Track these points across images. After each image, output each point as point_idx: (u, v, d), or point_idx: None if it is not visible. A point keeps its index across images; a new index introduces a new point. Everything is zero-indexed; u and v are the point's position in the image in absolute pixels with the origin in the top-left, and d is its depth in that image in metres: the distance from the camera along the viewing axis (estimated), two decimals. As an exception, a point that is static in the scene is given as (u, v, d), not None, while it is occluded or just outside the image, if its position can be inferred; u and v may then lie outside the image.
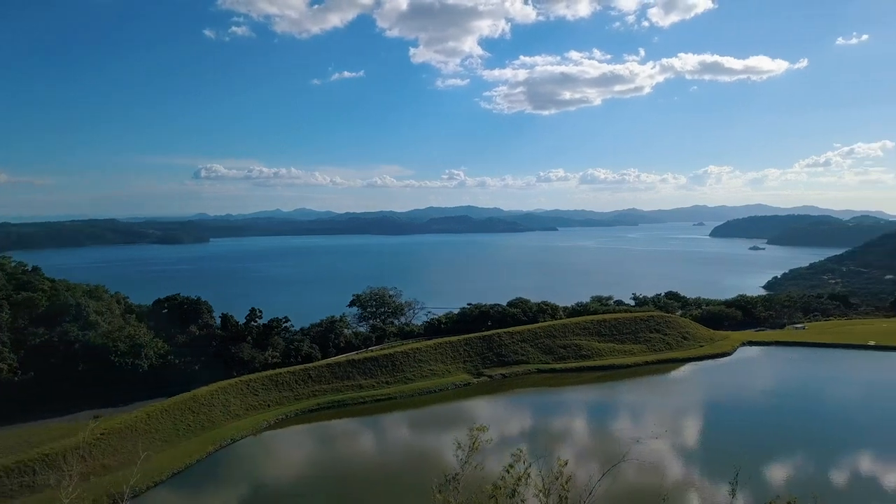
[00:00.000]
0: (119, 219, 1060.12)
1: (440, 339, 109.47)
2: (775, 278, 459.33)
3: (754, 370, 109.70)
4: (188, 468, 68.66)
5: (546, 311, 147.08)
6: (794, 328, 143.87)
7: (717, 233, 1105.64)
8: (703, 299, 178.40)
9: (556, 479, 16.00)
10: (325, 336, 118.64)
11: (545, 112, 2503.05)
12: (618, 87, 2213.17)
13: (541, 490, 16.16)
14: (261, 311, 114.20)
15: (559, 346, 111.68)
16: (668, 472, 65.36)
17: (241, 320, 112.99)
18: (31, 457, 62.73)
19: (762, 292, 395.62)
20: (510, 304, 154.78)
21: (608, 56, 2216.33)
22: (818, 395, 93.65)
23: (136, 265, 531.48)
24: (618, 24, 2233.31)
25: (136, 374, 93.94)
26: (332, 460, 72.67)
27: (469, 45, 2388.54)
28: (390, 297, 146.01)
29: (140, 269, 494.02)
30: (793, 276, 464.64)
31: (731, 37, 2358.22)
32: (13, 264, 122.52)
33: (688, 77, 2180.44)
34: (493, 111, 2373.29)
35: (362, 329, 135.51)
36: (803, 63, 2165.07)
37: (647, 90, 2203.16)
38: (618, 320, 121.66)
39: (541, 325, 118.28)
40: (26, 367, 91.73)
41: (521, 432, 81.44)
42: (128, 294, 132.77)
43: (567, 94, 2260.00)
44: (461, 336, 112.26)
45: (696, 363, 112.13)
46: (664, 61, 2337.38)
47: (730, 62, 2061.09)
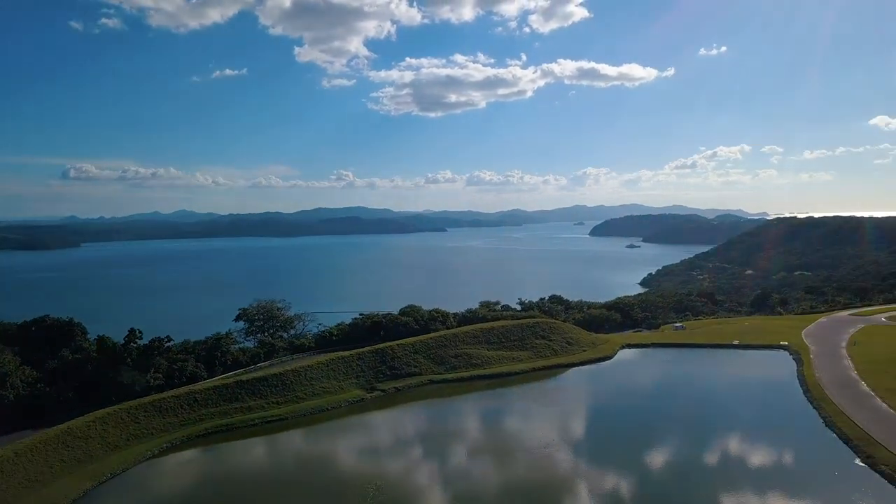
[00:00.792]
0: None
1: (332, 355, 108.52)
2: (650, 275, 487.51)
3: (634, 373, 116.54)
4: (64, 509, 64.59)
5: (437, 318, 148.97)
6: (675, 327, 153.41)
7: (596, 231, 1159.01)
8: (585, 302, 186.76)
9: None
10: (211, 354, 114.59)
11: (432, 114, 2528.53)
12: (501, 91, 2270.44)
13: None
14: (140, 332, 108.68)
15: (451, 356, 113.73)
16: (559, 479, 68.48)
17: (119, 338, 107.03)
18: None
19: (639, 289, 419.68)
20: (402, 312, 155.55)
21: (492, 60, 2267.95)
22: (692, 395, 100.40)
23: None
24: (500, 29, 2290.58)
25: (1, 406, 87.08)
26: (220, 488, 70.48)
27: (355, 45, 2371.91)
28: (279, 310, 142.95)
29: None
30: (666, 272, 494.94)
31: (606, 45, 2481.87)
32: None
33: (567, 82, 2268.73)
34: (381, 112, 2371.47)
35: (250, 344, 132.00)
36: (671, 71, 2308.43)
37: (529, 94, 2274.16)
38: (506, 328, 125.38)
39: (432, 335, 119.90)
40: None
41: (411, 447, 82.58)
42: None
43: (453, 97, 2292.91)
44: (353, 350, 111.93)
45: (580, 368, 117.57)
46: (545, 66, 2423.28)
47: (605, 69, 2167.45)
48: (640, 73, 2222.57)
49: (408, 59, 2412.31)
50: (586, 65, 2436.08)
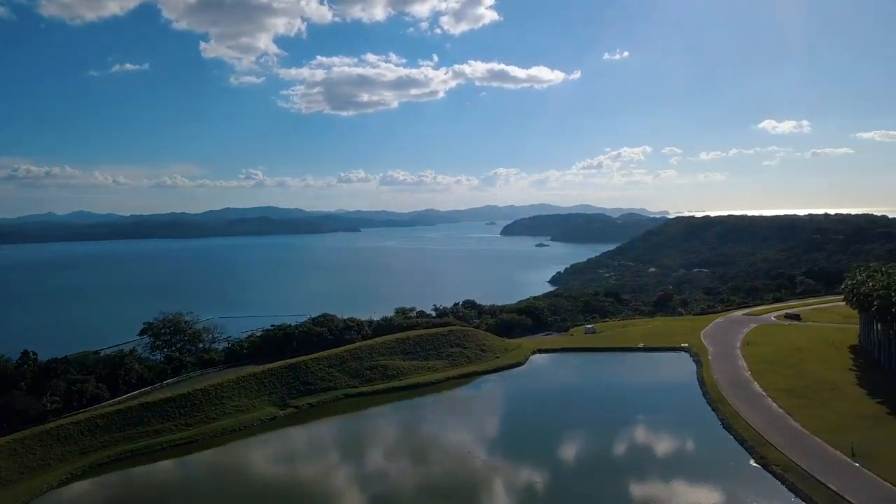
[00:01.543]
0: None
1: (243, 372, 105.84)
2: (559, 273, 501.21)
3: (545, 378, 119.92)
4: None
5: (352, 327, 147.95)
6: (586, 329, 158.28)
7: (507, 231, 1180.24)
8: (498, 306, 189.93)
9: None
10: (114, 372, 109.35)
11: (344, 113, 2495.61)
12: (414, 91, 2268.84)
13: None
14: (35, 353, 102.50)
15: (366, 369, 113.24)
16: (475, 488, 69.85)
17: (10, 356, 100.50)
18: None
19: (549, 287, 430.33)
20: (315, 322, 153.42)
21: (404, 60, 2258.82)
22: (600, 400, 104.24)
23: None
24: (412, 29, 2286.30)
25: None
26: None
27: (264, 42, 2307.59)
28: (186, 322, 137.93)
29: None
30: (574, 270, 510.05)
31: (515, 47, 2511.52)
32: None
33: (478, 83, 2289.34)
34: (292, 111, 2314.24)
35: (156, 359, 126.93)
36: (577, 74, 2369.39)
37: (441, 95, 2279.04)
38: (421, 337, 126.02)
39: (347, 348, 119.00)
40: None
41: (324, 464, 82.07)
42: None
43: (365, 97, 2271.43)
44: (265, 366, 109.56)
45: (494, 375, 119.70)
46: (456, 67, 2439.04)
47: (515, 71, 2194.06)
48: (548, 75, 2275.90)
49: (319, 58, 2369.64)
50: (496, 66, 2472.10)
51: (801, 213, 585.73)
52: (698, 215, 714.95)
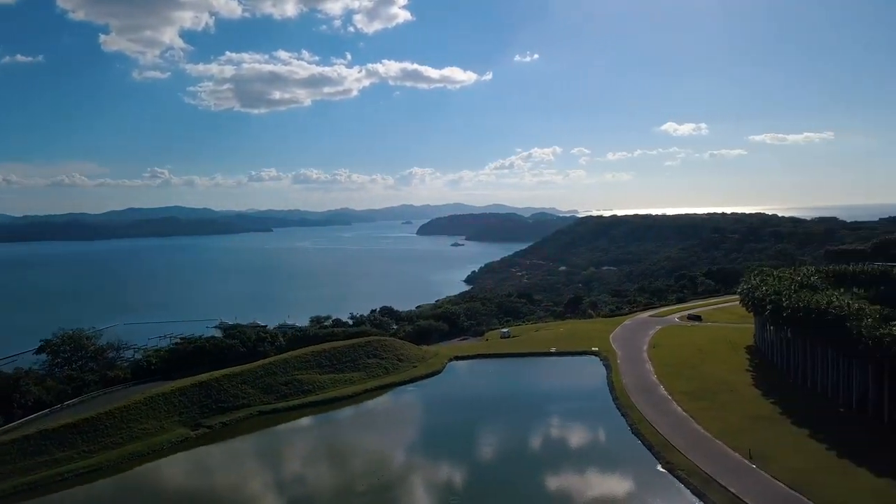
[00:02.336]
0: None
1: (150, 391, 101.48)
2: (474, 272, 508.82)
3: (462, 387, 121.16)
4: None
5: (266, 339, 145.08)
6: (501, 334, 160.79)
7: (423, 231, 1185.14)
8: (415, 312, 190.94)
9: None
10: (8, 396, 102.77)
11: (255, 111, 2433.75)
12: (327, 89, 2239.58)
13: None
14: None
15: (281, 384, 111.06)
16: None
17: None
18: None
19: (465, 286, 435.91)
20: (227, 334, 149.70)
21: (317, 58, 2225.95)
22: (515, 408, 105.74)
23: None
24: (325, 27, 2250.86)
25: None
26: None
27: (170, 36, 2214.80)
28: (88, 339, 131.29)
29: None
30: (488, 269, 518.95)
31: (429, 48, 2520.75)
32: None
33: (392, 83, 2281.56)
34: (200, 107, 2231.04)
35: (56, 377, 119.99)
36: (489, 76, 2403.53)
37: (354, 93, 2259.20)
38: (337, 349, 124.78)
39: (261, 363, 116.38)
40: None
41: (232, 484, 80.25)
42: None
43: (277, 94, 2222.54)
44: (175, 384, 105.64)
45: (412, 385, 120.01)
46: (370, 66, 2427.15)
47: (428, 71, 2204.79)
48: (461, 76, 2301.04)
49: (228, 54, 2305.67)
50: (410, 66, 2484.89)
51: (701, 211, 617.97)
52: (606, 214, 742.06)
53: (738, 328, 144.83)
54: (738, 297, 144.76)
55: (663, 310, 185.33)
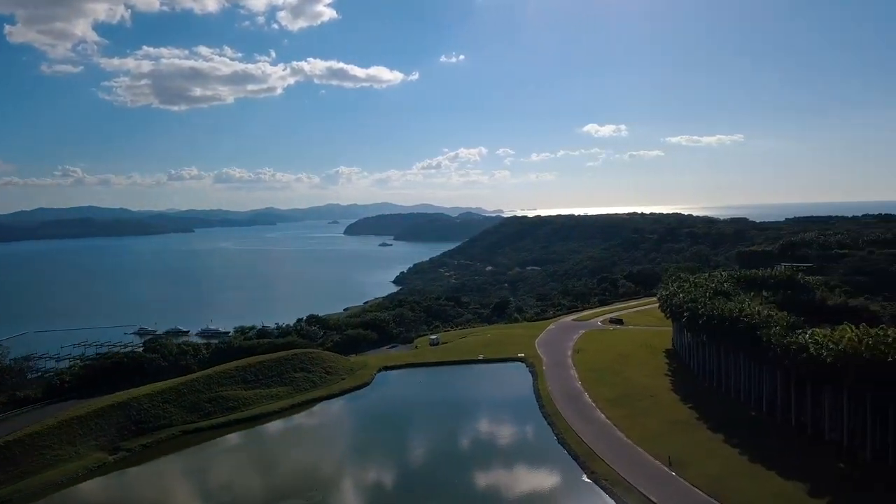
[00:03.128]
0: None
1: (65, 415, 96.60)
2: (403, 273, 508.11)
3: (390, 399, 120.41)
4: None
5: (188, 352, 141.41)
6: (431, 341, 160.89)
7: (351, 230, 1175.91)
8: (343, 319, 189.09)
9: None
10: None
11: (175, 107, 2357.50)
12: (251, 87, 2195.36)
13: None
14: None
15: (205, 402, 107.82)
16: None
17: None
18: None
19: (394, 287, 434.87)
20: (147, 347, 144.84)
21: (240, 54, 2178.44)
22: (443, 418, 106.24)
23: None
24: (248, 23, 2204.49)
25: None
26: None
27: (82, 28, 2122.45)
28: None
29: None
30: (416, 269, 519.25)
31: (354, 47, 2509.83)
32: None
33: (317, 81, 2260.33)
34: (115, 103, 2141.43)
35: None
36: (415, 76, 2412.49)
37: (279, 91, 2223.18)
38: (263, 363, 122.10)
39: (183, 379, 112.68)
40: None
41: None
42: None
43: (198, 91, 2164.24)
44: (91, 403, 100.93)
45: (340, 399, 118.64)
46: (294, 64, 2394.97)
47: (354, 70, 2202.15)
48: (387, 75, 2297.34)
49: (145, 48, 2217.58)
50: (336, 65, 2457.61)
51: (622, 211, 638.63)
52: (531, 214, 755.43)
53: (658, 332, 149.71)
54: (657, 299, 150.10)
55: (586, 313, 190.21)
